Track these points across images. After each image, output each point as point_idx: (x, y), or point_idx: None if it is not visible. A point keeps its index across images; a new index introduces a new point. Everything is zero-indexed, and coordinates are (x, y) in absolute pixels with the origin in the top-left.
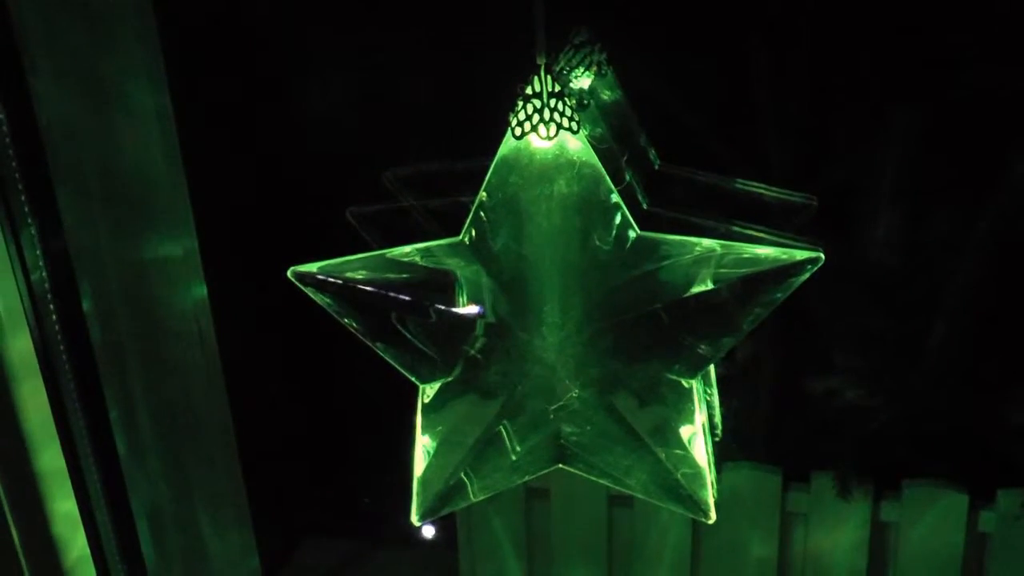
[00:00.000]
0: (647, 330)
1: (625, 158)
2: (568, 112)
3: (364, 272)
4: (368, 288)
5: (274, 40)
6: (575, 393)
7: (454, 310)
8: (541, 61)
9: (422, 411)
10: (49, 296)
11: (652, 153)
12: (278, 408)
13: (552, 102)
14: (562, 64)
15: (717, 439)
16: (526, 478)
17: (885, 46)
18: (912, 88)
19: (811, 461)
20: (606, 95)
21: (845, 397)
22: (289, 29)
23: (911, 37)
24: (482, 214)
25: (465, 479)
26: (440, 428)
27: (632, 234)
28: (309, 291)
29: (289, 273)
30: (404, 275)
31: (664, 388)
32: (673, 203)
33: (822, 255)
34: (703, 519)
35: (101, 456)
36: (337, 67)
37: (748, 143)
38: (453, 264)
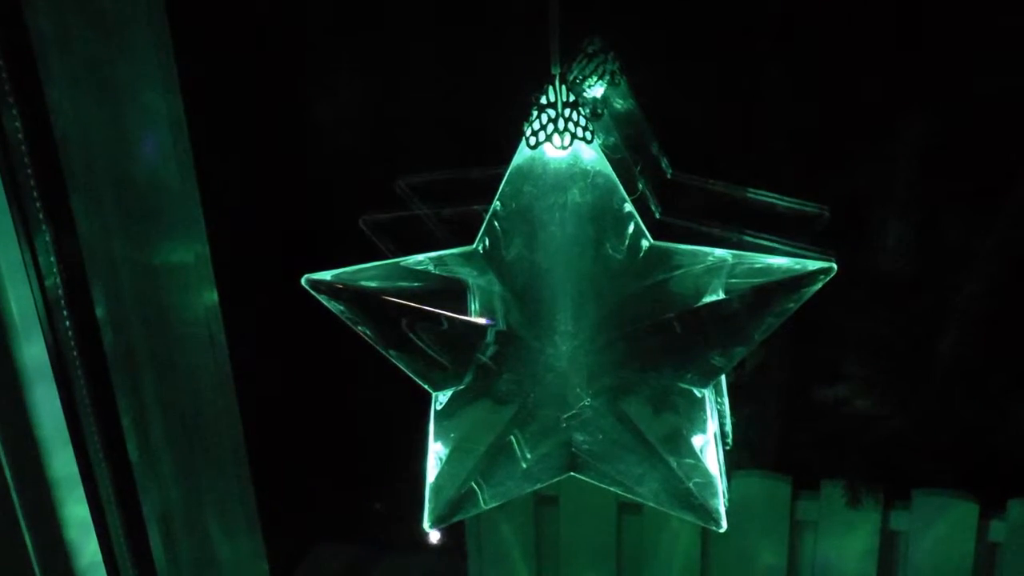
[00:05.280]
0: (659, 339)
1: (638, 167)
2: (582, 122)
3: (378, 280)
4: (382, 296)
5: (288, 47)
6: (587, 401)
7: (466, 318)
8: (556, 71)
9: (434, 418)
10: (63, 302)
11: (665, 162)
12: (289, 414)
13: (567, 112)
14: (575, 73)
15: (727, 447)
16: (537, 486)
17: (897, 54)
18: (924, 97)
19: (821, 470)
20: (619, 104)
21: (855, 406)
22: (303, 36)
23: (923, 45)
24: (495, 223)
25: (476, 487)
26: (452, 435)
27: (645, 243)
28: (323, 298)
29: (303, 280)
30: (417, 283)
31: (676, 397)
32: (686, 212)
33: (834, 265)
34: (714, 528)
35: (113, 462)
36: (351, 75)
37: (761, 152)
38: (466, 272)
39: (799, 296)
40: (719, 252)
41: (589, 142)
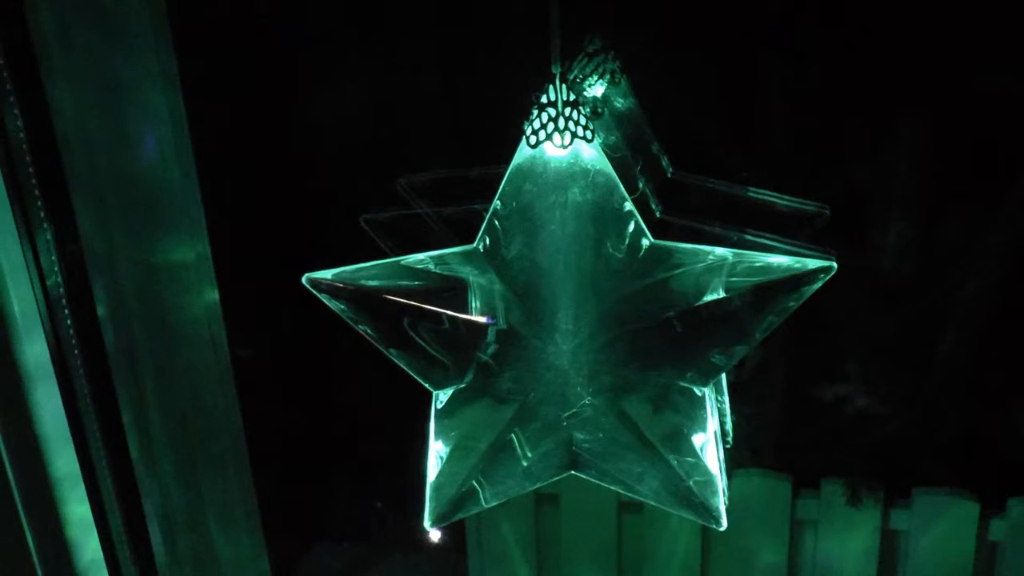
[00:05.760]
0: (660, 338)
1: (639, 166)
2: (583, 120)
3: (378, 279)
4: (382, 295)
5: (288, 45)
6: (588, 400)
7: (467, 317)
8: (556, 70)
9: (435, 417)
10: (64, 301)
11: (665, 161)
12: (289, 413)
13: (567, 111)
14: (576, 72)
15: (728, 446)
16: (538, 484)
17: (898, 53)
18: (925, 96)
19: (821, 468)
20: (620, 103)
21: (855, 404)
22: (303, 34)
23: (924, 43)
24: (496, 222)
25: (477, 485)
26: (453, 434)
27: (645, 242)
28: (323, 297)
29: (304, 279)
30: (418, 282)
31: (677, 395)
32: (686, 211)
33: (835, 264)
34: (714, 526)
35: (114, 460)
36: (352, 73)
37: (761, 151)
38: (467, 271)
39: (799, 295)
40: (719, 251)
41: (589, 141)
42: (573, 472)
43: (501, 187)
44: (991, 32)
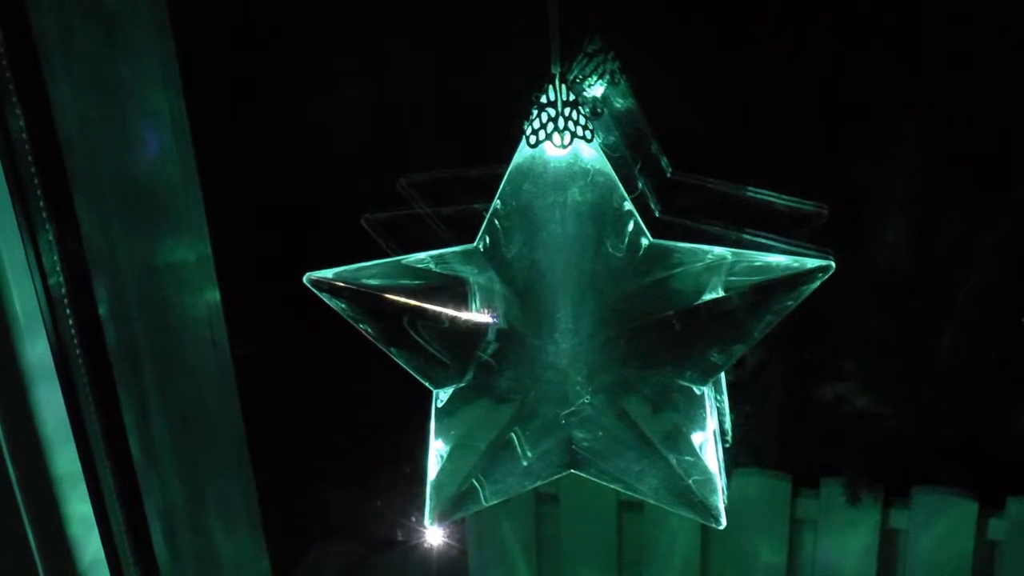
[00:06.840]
0: (659, 337)
1: (638, 166)
2: (582, 120)
3: (379, 278)
4: (383, 294)
5: (289, 46)
6: (587, 399)
7: (467, 316)
8: (556, 70)
9: (435, 416)
10: (65, 300)
11: (664, 161)
12: (290, 412)
13: (566, 111)
14: (575, 72)
15: (727, 445)
16: (538, 483)
17: (898, 51)
18: (923, 95)
19: (821, 468)
20: (619, 103)
21: (855, 404)
22: (304, 35)
23: (923, 43)
24: (496, 221)
25: (477, 484)
26: (453, 433)
27: (644, 241)
28: (324, 296)
29: (305, 279)
30: (419, 281)
31: (676, 394)
32: (685, 211)
33: (833, 263)
34: (714, 525)
35: (115, 459)
36: (352, 73)
37: (760, 151)
38: (467, 271)
39: (798, 294)
40: (718, 250)
41: (589, 141)
42: (573, 471)
43: (501, 187)
44: (991, 31)
